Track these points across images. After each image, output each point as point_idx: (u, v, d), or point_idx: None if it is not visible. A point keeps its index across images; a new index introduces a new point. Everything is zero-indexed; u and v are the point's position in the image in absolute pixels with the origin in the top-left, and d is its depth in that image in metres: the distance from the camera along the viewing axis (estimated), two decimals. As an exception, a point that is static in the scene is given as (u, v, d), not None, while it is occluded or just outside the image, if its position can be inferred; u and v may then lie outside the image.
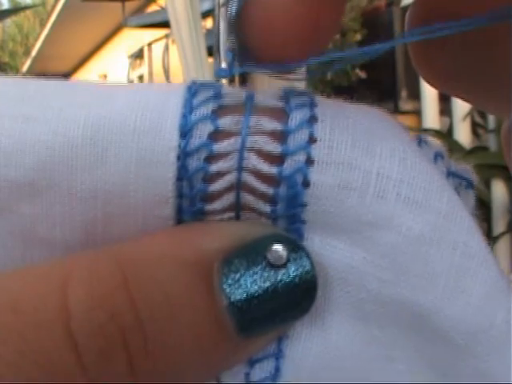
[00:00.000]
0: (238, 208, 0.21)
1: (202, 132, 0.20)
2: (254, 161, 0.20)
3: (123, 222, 0.21)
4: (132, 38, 7.54)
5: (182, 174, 0.20)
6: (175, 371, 0.20)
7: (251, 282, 0.20)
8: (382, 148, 0.21)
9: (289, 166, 0.20)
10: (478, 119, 3.12)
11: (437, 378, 0.22)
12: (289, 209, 0.21)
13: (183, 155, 0.20)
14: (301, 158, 0.20)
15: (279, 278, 0.20)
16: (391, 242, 0.21)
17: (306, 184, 0.20)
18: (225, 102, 0.21)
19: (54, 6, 8.84)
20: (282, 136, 0.20)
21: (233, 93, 0.21)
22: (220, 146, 0.20)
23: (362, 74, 4.45)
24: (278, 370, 0.22)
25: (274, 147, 0.20)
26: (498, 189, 2.75)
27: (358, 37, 4.27)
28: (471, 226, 0.22)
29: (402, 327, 0.22)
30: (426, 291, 0.21)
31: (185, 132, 0.20)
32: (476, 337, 0.21)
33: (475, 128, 3.11)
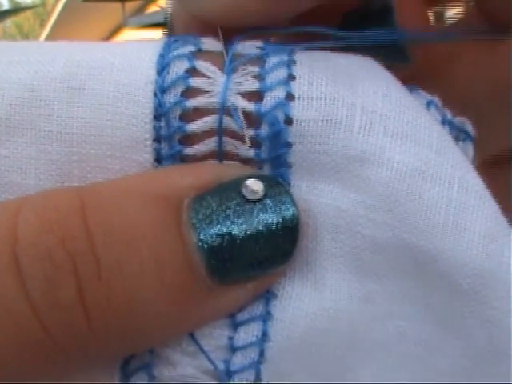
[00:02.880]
0: (220, 151, 0.20)
1: (179, 69, 0.20)
2: (232, 99, 0.20)
3: (100, 166, 0.20)
4: (132, 39, 7.52)
5: (159, 111, 0.20)
6: (135, 309, 0.18)
7: (224, 218, 0.19)
8: (364, 86, 0.20)
9: (268, 102, 0.20)
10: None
11: (440, 331, 0.21)
12: (273, 150, 0.20)
13: (160, 91, 0.20)
14: (280, 93, 0.20)
15: (255, 214, 0.19)
16: (383, 179, 0.19)
17: (289, 122, 0.20)
18: (204, 47, 0.21)
19: (54, 7, 8.84)
20: (259, 77, 0.20)
21: (212, 42, 0.21)
22: (197, 81, 0.20)
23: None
24: (265, 333, 0.20)
25: (251, 84, 0.20)
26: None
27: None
28: (465, 161, 0.20)
29: (401, 275, 0.20)
30: (424, 231, 0.19)
31: (161, 68, 0.20)
32: (483, 279, 0.20)
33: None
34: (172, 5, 0.24)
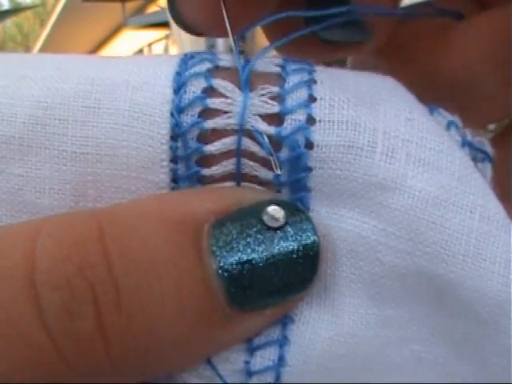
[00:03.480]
0: (238, 173, 0.20)
1: (196, 88, 0.20)
2: (252, 120, 0.19)
3: (115, 186, 0.20)
4: (132, 39, 7.54)
5: (176, 131, 0.19)
6: (154, 337, 0.18)
7: (244, 245, 0.18)
8: (386, 108, 0.20)
9: (288, 125, 0.19)
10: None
11: (456, 356, 0.21)
12: (293, 174, 0.19)
13: (176, 110, 0.19)
14: (300, 116, 0.19)
15: (276, 242, 0.19)
16: (404, 207, 0.19)
17: (310, 146, 0.19)
18: (221, 64, 0.20)
19: (54, 7, 8.84)
20: (279, 98, 0.20)
21: (229, 58, 0.21)
22: (215, 102, 0.19)
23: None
24: (282, 358, 0.20)
25: (271, 106, 0.19)
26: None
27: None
28: (487, 189, 0.20)
29: (419, 302, 0.20)
30: (445, 260, 0.19)
31: (178, 87, 0.19)
32: (502, 309, 0.19)
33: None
34: None
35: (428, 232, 0.19)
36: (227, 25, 0.22)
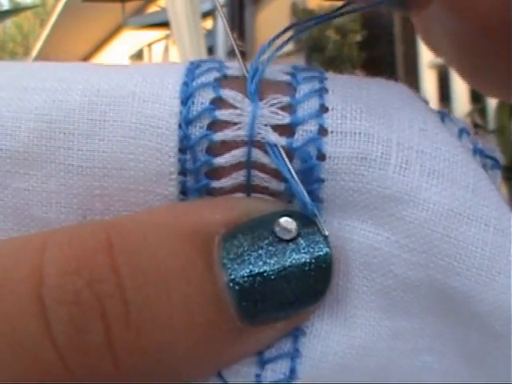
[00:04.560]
0: (248, 186, 0.19)
1: (204, 99, 0.19)
2: (262, 132, 0.19)
3: (123, 199, 0.19)
4: (132, 39, 7.54)
5: (185, 143, 0.19)
6: (163, 352, 0.17)
7: (255, 258, 0.18)
8: (400, 118, 0.19)
9: (300, 136, 0.19)
10: (478, 120, 3.12)
11: (468, 368, 0.21)
12: (304, 185, 0.19)
13: (185, 123, 0.19)
14: (312, 127, 0.19)
15: (288, 254, 0.18)
16: (418, 219, 0.19)
17: (322, 157, 0.19)
18: (228, 72, 0.20)
19: (54, 7, 8.84)
20: (290, 108, 0.19)
21: (237, 66, 0.20)
22: (224, 113, 0.19)
23: (362, 74, 4.44)
24: (293, 371, 0.19)
25: (282, 117, 0.19)
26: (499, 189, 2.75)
27: (358, 37, 4.26)
28: (500, 201, 0.20)
29: (432, 314, 0.20)
30: (459, 273, 0.19)
31: (186, 98, 0.19)
32: None
33: (475, 129, 3.11)
34: None
35: (442, 245, 0.19)
36: (227, 27, 0.22)
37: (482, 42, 0.23)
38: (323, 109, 0.19)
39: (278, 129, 0.19)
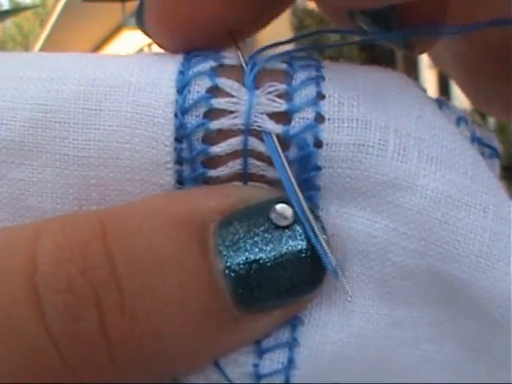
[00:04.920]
0: (245, 174, 0.19)
1: (201, 87, 0.19)
2: (259, 120, 0.19)
3: (119, 189, 0.19)
4: (132, 39, 7.54)
5: (181, 132, 0.19)
6: (158, 340, 0.17)
7: (251, 245, 0.18)
8: (397, 105, 0.19)
9: (296, 124, 0.19)
10: (478, 120, 3.12)
11: (467, 356, 0.20)
12: (301, 173, 0.19)
13: (181, 111, 0.19)
14: (309, 115, 0.19)
15: (284, 240, 0.18)
16: (416, 206, 0.19)
17: (319, 144, 0.19)
18: (225, 62, 0.20)
19: (54, 7, 8.85)
20: (287, 96, 0.19)
21: (233, 55, 0.20)
22: (220, 102, 0.19)
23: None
24: (291, 360, 0.19)
25: (278, 105, 0.19)
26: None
27: (358, 38, 4.26)
28: (499, 188, 0.20)
29: (430, 302, 0.20)
30: (458, 260, 0.19)
31: (182, 87, 0.19)
32: None
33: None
34: None
35: (440, 232, 0.19)
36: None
37: (490, 69, 0.23)
38: (320, 96, 0.19)
39: (275, 116, 0.19)
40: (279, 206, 0.18)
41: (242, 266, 0.18)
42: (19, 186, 0.19)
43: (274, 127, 0.19)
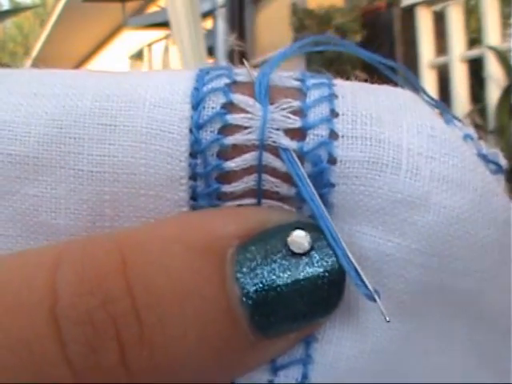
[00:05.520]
0: (259, 190, 0.19)
1: (215, 104, 0.19)
2: (273, 135, 0.19)
3: (133, 205, 0.19)
4: (132, 39, 7.54)
5: (196, 148, 0.19)
6: (177, 368, 0.18)
7: (269, 272, 0.18)
8: (408, 124, 0.20)
9: (311, 140, 0.19)
10: (478, 120, 3.12)
11: (479, 367, 0.21)
12: (315, 190, 0.19)
13: (195, 127, 0.19)
14: (323, 132, 0.19)
15: (301, 267, 0.18)
16: (429, 223, 0.19)
17: (333, 161, 0.19)
18: (238, 79, 0.20)
19: (54, 7, 8.84)
20: (301, 112, 0.19)
21: (245, 72, 0.20)
22: (235, 117, 0.19)
23: (362, 76, 4.44)
24: (305, 377, 0.20)
25: (293, 121, 0.19)
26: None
27: (358, 37, 4.26)
28: (508, 203, 0.20)
29: (441, 315, 0.20)
30: (471, 275, 0.19)
31: (197, 103, 0.19)
32: None
33: (475, 129, 3.11)
34: None
35: (452, 248, 0.19)
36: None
37: None
38: (333, 114, 0.19)
39: (289, 133, 0.19)
40: (296, 234, 0.18)
41: (259, 294, 0.18)
42: (33, 202, 0.20)
43: (289, 143, 0.19)
